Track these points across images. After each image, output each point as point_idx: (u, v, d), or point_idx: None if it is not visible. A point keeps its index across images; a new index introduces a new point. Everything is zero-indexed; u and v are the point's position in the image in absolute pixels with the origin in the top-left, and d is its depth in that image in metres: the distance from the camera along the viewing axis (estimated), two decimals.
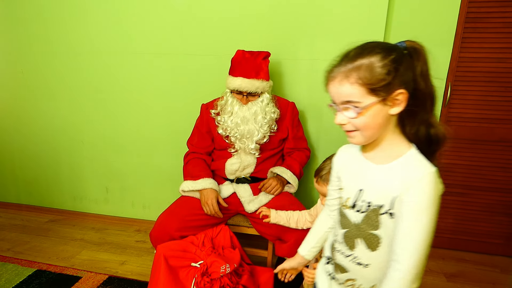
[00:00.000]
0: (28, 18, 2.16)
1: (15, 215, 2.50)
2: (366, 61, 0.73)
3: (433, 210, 0.71)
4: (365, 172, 0.82)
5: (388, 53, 0.73)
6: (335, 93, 0.80)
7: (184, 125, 2.09)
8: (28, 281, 1.71)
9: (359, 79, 0.73)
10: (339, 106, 0.80)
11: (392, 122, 0.77)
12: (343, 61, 0.80)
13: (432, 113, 0.78)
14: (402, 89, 0.72)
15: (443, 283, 1.78)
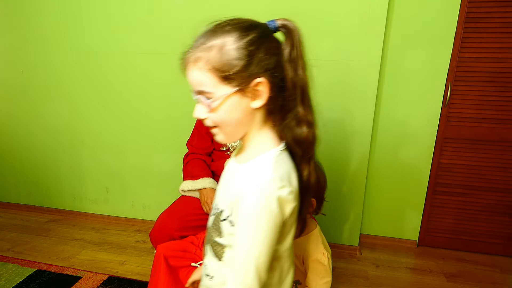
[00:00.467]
0: (28, 18, 2.16)
1: (15, 215, 2.50)
2: (219, 42, 0.59)
3: (260, 226, 0.57)
4: (226, 172, 0.73)
5: (246, 32, 0.60)
6: (190, 81, 0.63)
7: (184, 125, 2.09)
8: (28, 281, 1.71)
9: (209, 64, 0.59)
10: (196, 97, 0.64)
11: (257, 117, 0.64)
12: (197, 42, 0.62)
13: (305, 108, 0.65)
14: (261, 78, 0.60)
15: (443, 283, 1.78)
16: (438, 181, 2.02)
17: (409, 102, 1.91)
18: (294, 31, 0.65)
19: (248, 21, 0.65)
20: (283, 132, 0.65)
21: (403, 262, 1.97)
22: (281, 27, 0.65)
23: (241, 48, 0.58)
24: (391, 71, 1.89)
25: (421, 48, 1.83)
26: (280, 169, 0.60)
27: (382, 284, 1.76)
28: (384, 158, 2.03)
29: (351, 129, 1.90)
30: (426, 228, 2.10)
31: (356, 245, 2.08)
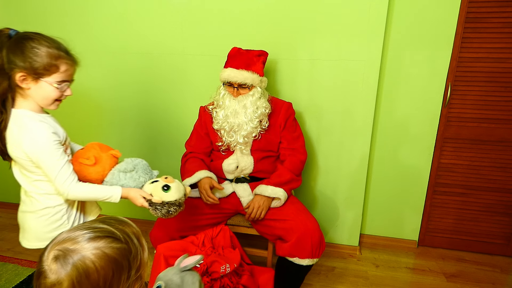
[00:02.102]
0: (28, 18, 2.16)
1: (15, 215, 2.49)
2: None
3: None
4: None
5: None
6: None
7: (184, 125, 2.09)
8: (28, 281, 1.71)
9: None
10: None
11: None
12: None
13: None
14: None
15: (443, 283, 1.78)
16: (438, 181, 2.02)
17: (409, 102, 1.92)
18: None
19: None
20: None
21: (403, 262, 1.97)
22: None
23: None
24: (391, 71, 1.89)
25: (421, 48, 1.83)
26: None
27: (382, 284, 1.76)
28: (384, 158, 2.03)
29: (351, 129, 1.90)
30: (426, 228, 2.10)
31: (356, 245, 2.08)
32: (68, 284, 0.54)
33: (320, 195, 2.05)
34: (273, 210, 1.51)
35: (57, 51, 0.98)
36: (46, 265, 0.56)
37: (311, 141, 1.97)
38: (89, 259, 0.56)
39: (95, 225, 0.60)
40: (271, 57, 1.86)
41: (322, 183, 2.03)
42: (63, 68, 0.99)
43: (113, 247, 0.58)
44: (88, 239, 0.57)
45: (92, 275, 0.55)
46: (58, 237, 0.59)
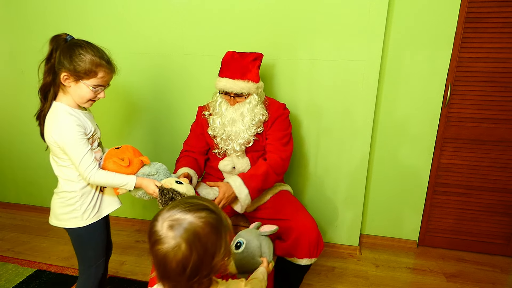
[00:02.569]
0: (28, 18, 2.16)
1: (15, 215, 2.50)
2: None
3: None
4: None
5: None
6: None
7: (183, 125, 2.09)
8: (28, 281, 1.71)
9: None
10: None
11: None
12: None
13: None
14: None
15: (443, 283, 1.78)
16: (438, 181, 2.02)
17: (409, 102, 1.92)
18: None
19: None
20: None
21: (403, 262, 1.97)
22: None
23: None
24: (391, 71, 1.89)
25: (421, 48, 1.83)
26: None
27: (382, 284, 1.76)
28: (384, 158, 2.03)
29: (351, 129, 1.90)
30: (426, 228, 2.10)
31: (356, 245, 2.08)
32: (185, 246, 0.66)
33: (320, 195, 2.05)
34: (271, 210, 1.50)
35: (99, 60, 1.13)
36: (162, 234, 0.68)
37: (311, 141, 1.97)
38: (198, 225, 0.68)
39: (193, 201, 0.73)
40: (271, 57, 1.86)
41: (322, 183, 2.03)
42: (100, 75, 1.14)
43: (212, 217, 0.71)
44: (192, 211, 0.70)
45: (202, 238, 0.68)
46: (164, 213, 0.71)
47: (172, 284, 0.70)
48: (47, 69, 1.18)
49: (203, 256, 0.68)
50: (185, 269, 0.67)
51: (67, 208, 1.22)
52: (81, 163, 1.13)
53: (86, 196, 1.21)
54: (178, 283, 0.69)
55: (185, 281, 0.68)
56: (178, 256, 0.66)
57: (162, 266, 0.68)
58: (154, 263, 0.70)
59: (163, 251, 0.67)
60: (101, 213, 1.26)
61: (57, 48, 1.14)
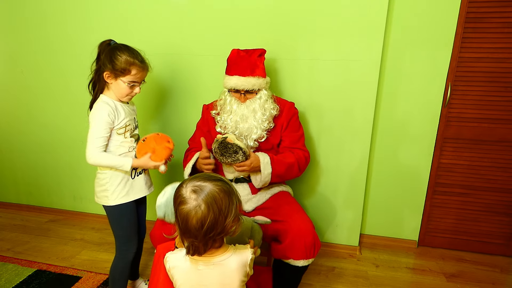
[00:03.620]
0: (28, 18, 2.16)
1: (15, 215, 2.50)
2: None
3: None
4: None
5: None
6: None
7: (184, 124, 2.09)
8: (28, 281, 1.71)
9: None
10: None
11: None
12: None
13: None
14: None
15: (443, 283, 1.78)
16: (438, 181, 2.02)
17: (409, 102, 1.92)
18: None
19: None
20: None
21: (403, 262, 1.97)
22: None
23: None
24: (391, 71, 1.89)
25: (421, 48, 1.83)
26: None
27: (382, 284, 1.76)
28: (384, 158, 2.03)
29: (351, 129, 1.90)
30: (426, 228, 2.10)
31: (356, 245, 2.08)
32: (205, 205, 0.83)
33: (320, 195, 2.05)
34: (269, 211, 1.51)
35: (133, 59, 1.30)
36: (186, 196, 0.85)
37: (311, 141, 1.97)
38: (215, 190, 0.85)
39: (211, 174, 0.92)
40: (271, 56, 1.86)
41: (322, 183, 2.03)
42: (134, 72, 1.31)
43: (226, 186, 0.88)
44: (211, 180, 0.87)
45: (218, 201, 0.84)
46: (188, 181, 0.88)
47: (191, 239, 0.85)
48: (95, 69, 1.37)
49: (218, 216, 0.83)
50: (203, 226, 0.82)
51: (100, 187, 1.39)
52: (91, 142, 1.33)
53: (115, 179, 1.38)
54: (196, 238, 0.84)
55: (202, 236, 0.83)
56: (198, 214, 0.82)
57: (185, 222, 0.84)
58: (178, 221, 0.86)
59: (186, 209, 0.84)
60: (129, 197, 1.40)
61: (103, 51, 1.34)
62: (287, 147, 1.61)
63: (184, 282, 0.89)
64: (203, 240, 0.84)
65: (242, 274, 0.93)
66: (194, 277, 0.89)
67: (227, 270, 0.90)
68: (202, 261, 0.89)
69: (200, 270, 0.88)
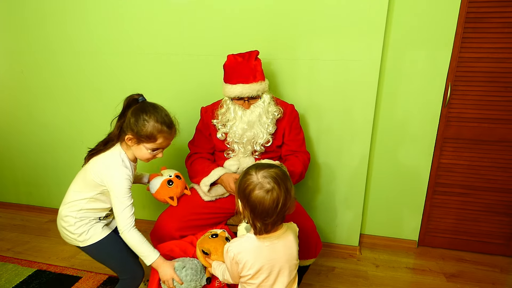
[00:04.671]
0: (28, 18, 2.16)
1: (15, 215, 2.50)
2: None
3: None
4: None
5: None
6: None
7: (184, 124, 2.08)
8: (28, 281, 1.71)
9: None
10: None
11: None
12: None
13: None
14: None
15: (443, 283, 1.78)
16: (438, 181, 2.02)
17: (409, 102, 1.92)
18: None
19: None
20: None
21: (403, 262, 1.97)
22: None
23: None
24: (391, 71, 1.89)
25: (421, 48, 1.83)
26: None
27: (382, 284, 1.76)
28: (384, 158, 2.03)
29: (351, 129, 1.90)
30: (426, 228, 2.10)
31: (356, 245, 2.08)
32: (277, 187, 0.95)
33: (320, 195, 2.05)
34: None
35: (161, 126, 1.21)
36: (261, 180, 0.96)
37: (311, 141, 1.97)
38: (279, 174, 0.98)
39: (268, 163, 1.05)
40: (270, 57, 1.86)
41: (322, 183, 2.03)
42: (160, 140, 1.23)
43: (281, 169, 1.00)
44: (272, 167, 0.99)
45: (284, 181, 0.97)
46: (256, 170, 0.98)
47: (266, 219, 0.95)
48: (118, 125, 1.28)
49: (286, 194, 0.96)
50: (278, 204, 0.94)
51: (66, 231, 1.31)
52: (123, 213, 1.23)
53: (82, 222, 1.30)
54: (271, 217, 0.95)
55: (277, 214, 0.95)
56: (273, 195, 0.94)
57: (261, 205, 0.94)
58: (252, 206, 0.96)
59: (261, 194, 0.94)
60: (103, 232, 1.33)
61: (129, 107, 1.24)
62: (291, 151, 1.62)
63: (256, 260, 0.99)
64: (276, 218, 0.96)
65: (297, 243, 1.08)
66: (263, 253, 1.00)
67: (288, 241, 1.04)
68: (268, 239, 1.00)
69: (267, 245, 1.00)
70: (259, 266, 0.99)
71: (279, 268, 1.02)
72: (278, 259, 1.01)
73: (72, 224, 1.26)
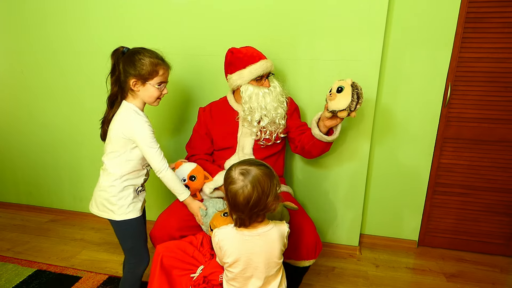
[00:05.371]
0: (28, 18, 2.16)
1: (15, 215, 2.50)
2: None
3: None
4: None
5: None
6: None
7: (184, 124, 2.09)
8: (28, 281, 1.71)
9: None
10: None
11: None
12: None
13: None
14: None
15: (443, 283, 1.78)
16: (438, 181, 2.02)
17: (409, 102, 1.92)
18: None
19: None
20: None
21: (403, 262, 1.97)
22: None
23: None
24: (391, 71, 1.89)
25: (421, 48, 1.83)
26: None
27: (382, 284, 1.76)
28: (384, 158, 2.03)
29: (351, 129, 1.90)
30: (426, 228, 2.10)
31: (356, 245, 2.08)
32: (250, 186, 0.99)
33: (320, 195, 2.05)
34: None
35: (156, 60, 1.25)
36: (235, 177, 1.01)
37: None
38: (259, 173, 1.01)
39: (255, 160, 1.08)
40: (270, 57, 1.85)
41: (322, 182, 2.03)
42: (161, 72, 1.27)
43: (268, 169, 1.03)
44: (255, 165, 1.03)
45: (261, 182, 0.99)
46: (238, 165, 1.03)
47: (239, 213, 1.02)
48: (113, 81, 1.30)
49: (261, 195, 0.99)
50: (249, 202, 0.98)
51: (106, 201, 1.32)
52: (155, 156, 1.28)
53: (125, 193, 1.33)
54: (243, 212, 1.01)
55: (248, 211, 0.99)
56: (245, 193, 0.98)
57: (233, 199, 1.00)
58: (228, 198, 1.02)
59: (235, 189, 1.00)
60: (135, 212, 1.37)
61: (118, 61, 1.27)
62: (297, 129, 1.64)
63: (234, 250, 1.04)
64: (248, 214, 1.00)
65: (281, 244, 1.08)
66: (242, 245, 1.05)
67: (269, 239, 1.06)
68: (248, 231, 1.05)
69: (247, 239, 1.04)
70: (236, 257, 1.05)
71: (256, 264, 1.05)
72: (256, 254, 1.05)
73: (116, 195, 1.29)
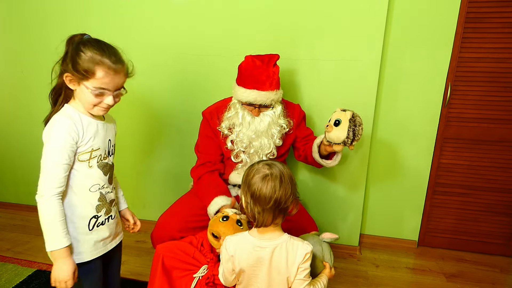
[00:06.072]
0: (28, 18, 2.16)
1: (15, 215, 2.50)
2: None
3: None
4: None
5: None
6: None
7: (184, 124, 2.09)
8: (28, 281, 1.71)
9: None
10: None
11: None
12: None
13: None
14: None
15: (443, 283, 1.78)
16: (438, 181, 2.02)
17: (409, 102, 1.92)
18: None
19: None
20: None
21: (403, 262, 1.97)
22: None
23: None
24: (391, 71, 1.89)
25: (421, 48, 1.83)
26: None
27: (382, 284, 1.76)
28: (384, 158, 2.03)
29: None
30: (426, 228, 2.10)
31: (356, 245, 2.08)
32: (277, 176, 0.95)
33: (320, 195, 2.05)
34: None
35: (100, 57, 0.96)
36: (261, 168, 0.98)
37: None
38: (283, 168, 0.99)
39: (276, 161, 1.04)
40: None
41: (322, 183, 2.03)
42: (99, 74, 0.96)
43: (289, 170, 1.01)
44: (279, 163, 1.01)
45: (286, 176, 0.97)
46: (262, 161, 1.02)
47: (261, 208, 0.95)
48: (60, 71, 1.02)
49: (286, 189, 0.95)
50: (275, 193, 0.94)
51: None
52: (44, 174, 1.03)
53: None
54: (265, 208, 0.95)
55: (272, 205, 0.94)
56: (271, 183, 0.94)
57: (258, 191, 0.95)
58: (250, 191, 0.97)
59: (260, 178, 0.95)
60: (93, 253, 1.11)
61: (70, 47, 1.02)
62: (305, 140, 1.58)
63: (241, 259, 0.99)
64: (271, 209, 0.95)
65: (294, 261, 0.97)
66: (250, 254, 0.98)
67: (279, 252, 0.97)
68: (259, 242, 0.99)
69: (257, 251, 0.98)
70: (242, 267, 0.99)
71: (260, 279, 0.99)
72: (258, 268, 0.98)
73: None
